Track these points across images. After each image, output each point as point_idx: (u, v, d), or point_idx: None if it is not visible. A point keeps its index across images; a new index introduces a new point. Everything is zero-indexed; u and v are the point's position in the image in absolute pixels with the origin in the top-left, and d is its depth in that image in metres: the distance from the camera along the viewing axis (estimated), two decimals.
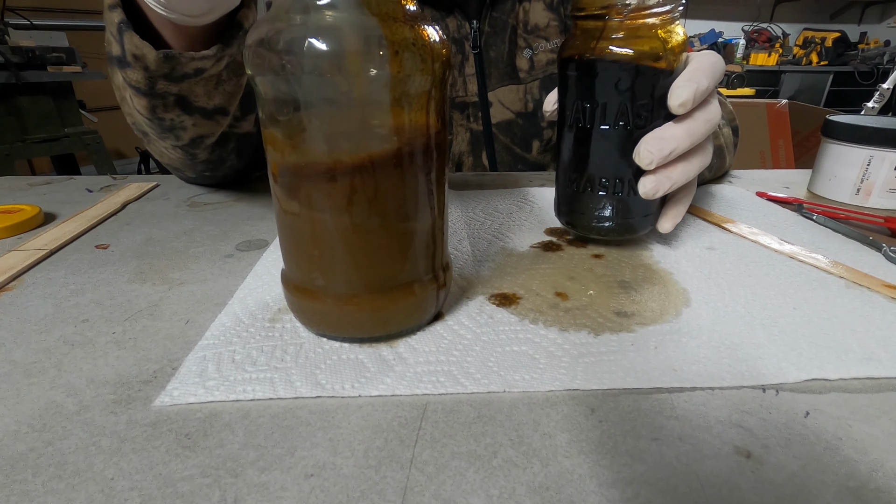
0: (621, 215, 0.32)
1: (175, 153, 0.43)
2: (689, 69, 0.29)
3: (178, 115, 0.38)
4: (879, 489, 0.16)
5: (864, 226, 0.39)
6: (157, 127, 0.38)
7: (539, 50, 0.57)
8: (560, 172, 0.34)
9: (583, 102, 0.30)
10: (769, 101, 1.38)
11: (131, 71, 0.33)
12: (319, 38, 0.18)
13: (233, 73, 0.37)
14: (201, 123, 0.39)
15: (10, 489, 0.16)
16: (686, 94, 0.27)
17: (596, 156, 0.31)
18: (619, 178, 0.31)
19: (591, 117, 0.30)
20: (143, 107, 0.36)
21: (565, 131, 0.32)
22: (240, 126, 0.45)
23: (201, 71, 0.35)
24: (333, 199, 0.20)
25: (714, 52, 0.31)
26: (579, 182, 0.32)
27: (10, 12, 2.00)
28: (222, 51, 0.34)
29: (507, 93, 0.58)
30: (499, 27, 0.56)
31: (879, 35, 3.90)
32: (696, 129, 0.29)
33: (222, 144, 0.44)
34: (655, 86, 0.29)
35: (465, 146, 0.60)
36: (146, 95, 0.35)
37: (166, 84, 0.34)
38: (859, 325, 0.25)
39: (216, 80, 0.36)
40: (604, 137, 0.30)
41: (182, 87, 0.35)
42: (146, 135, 0.42)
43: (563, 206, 0.35)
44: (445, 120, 0.23)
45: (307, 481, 0.16)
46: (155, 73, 0.33)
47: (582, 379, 0.21)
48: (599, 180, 0.32)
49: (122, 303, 0.27)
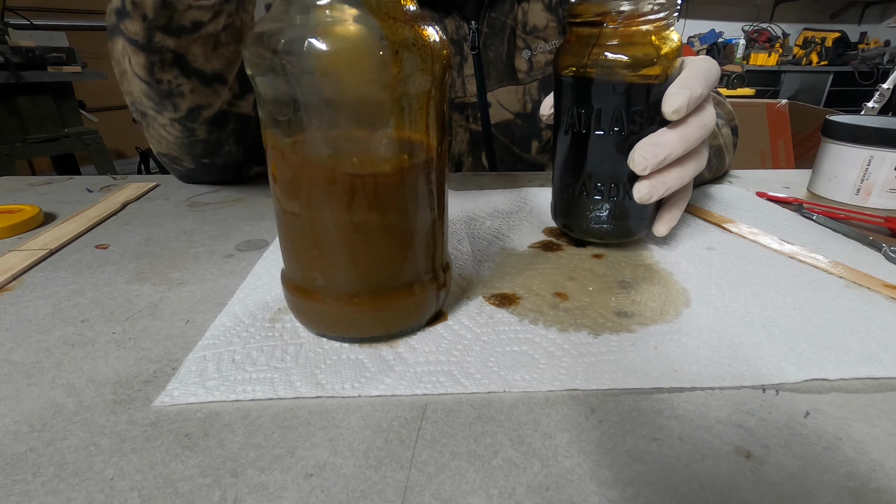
0: (617, 218, 0.33)
1: (174, 131, 0.43)
2: (683, 75, 0.29)
3: (175, 76, 0.38)
4: (879, 489, 0.16)
5: (864, 226, 0.39)
6: (154, 94, 0.39)
7: (538, 51, 0.57)
8: (556, 176, 0.34)
9: (578, 108, 0.31)
10: (769, 101, 1.38)
11: (130, 22, 0.34)
12: (319, 38, 0.18)
13: (231, 38, 0.38)
14: (199, 90, 0.40)
15: (10, 489, 0.16)
16: (680, 100, 0.28)
17: (591, 160, 0.32)
18: (615, 182, 0.31)
19: (587, 122, 0.30)
20: (141, 66, 0.36)
21: (561, 135, 0.33)
22: (238, 105, 0.45)
23: (199, 24, 0.35)
24: (333, 199, 0.20)
25: (709, 57, 0.31)
26: (575, 186, 0.33)
27: (10, 12, 2.00)
28: (221, 4, 0.35)
29: (505, 93, 0.58)
30: (497, 28, 0.56)
31: (879, 35, 3.90)
32: (690, 135, 0.29)
33: (221, 125, 0.45)
34: (650, 92, 0.29)
35: (464, 147, 0.60)
36: (144, 50, 0.35)
37: (164, 37, 0.35)
38: (859, 325, 0.25)
39: (214, 40, 0.37)
40: (599, 142, 0.31)
41: (180, 42, 0.36)
42: (145, 115, 0.42)
43: (559, 209, 0.35)
44: (446, 120, 0.23)
45: (307, 481, 0.16)
46: (153, 22, 0.34)
47: (582, 379, 0.21)
48: (595, 184, 0.32)
49: (122, 303, 0.27)
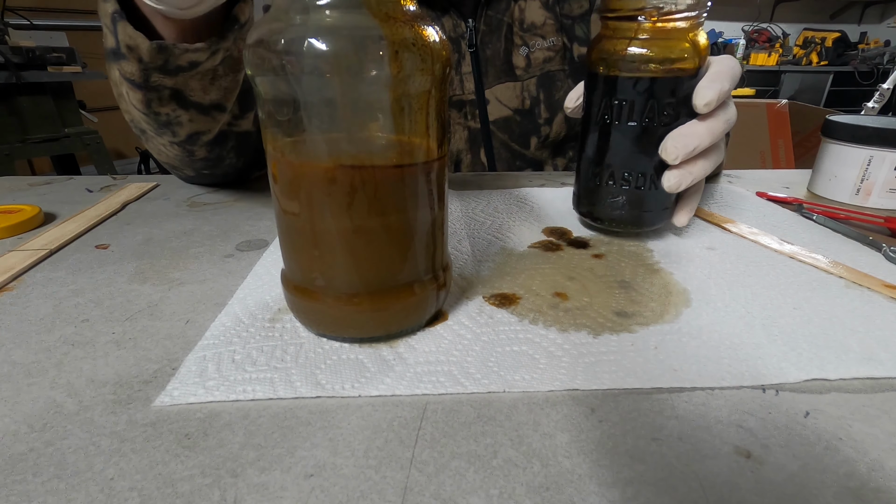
0: (641, 208, 0.34)
1: (173, 150, 0.43)
2: (712, 71, 0.31)
3: (173, 109, 0.37)
4: (879, 489, 0.16)
5: (864, 226, 0.38)
6: (153, 122, 0.38)
7: (535, 48, 0.57)
8: (583, 165, 0.36)
9: (611, 100, 0.32)
10: (769, 101, 1.38)
11: (126, 63, 0.33)
12: (319, 38, 0.18)
13: (229, 69, 0.37)
14: (198, 119, 0.39)
15: (10, 489, 0.16)
16: (711, 94, 0.29)
17: (621, 151, 0.33)
18: (642, 172, 0.33)
19: (619, 114, 0.32)
20: (139, 101, 0.36)
21: (591, 126, 0.34)
22: (238, 124, 0.45)
23: (196, 64, 0.35)
24: (333, 199, 0.20)
25: (731, 56, 0.33)
26: (602, 175, 0.34)
27: (10, 12, 2.00)
28: (216, 44, 0.34)
29: (504, 90, 0.58)
30: (494, 25, 0.56)
31: (879, 35, 3.90)
32: (716, 128, 0.31)
33: (221, 143, 0.44)
34: (681, 87, 0.30)
35: (462, 144, 0.60)
36: (141, 89, 0.35)
37: (161, 77, 0.34)
38: (859, 325, 0.25)
39: (212, 74, 0.36)
40: (630, 133, 0.32)
41: (177, 80, 0.35)
42: (144, 132, 0.42)
43: (583, 197, 0.37)
44: (446, 120, 0.23)
45: (307, 481, 0.16)
46: (149, 64, 0.33)
47: (582, 379, 0.21)
48: (623, 174, 0.34)
49: (122, 303, 0.27)
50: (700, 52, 0.30)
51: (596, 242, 0.36)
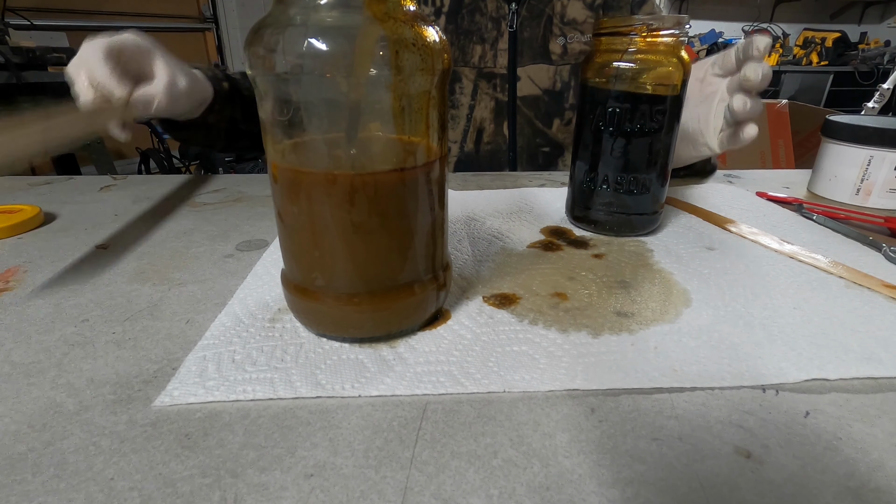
0: (633, 211, 0.36)
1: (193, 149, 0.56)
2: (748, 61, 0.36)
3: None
4: (879, 489, 0.16)
5: (864, 226, 0.38)
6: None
7: (574, 40, 0.59)
8: (577, 171, 0.38)
9: (605, 109, 0.34)
10: (769, 101, 1.38)
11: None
12: (319, 38, 0.18)
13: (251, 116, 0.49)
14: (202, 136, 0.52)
15: (10, 489, 0.16)
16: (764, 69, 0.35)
17: (614, 156, 0.35)
18: (635, 176, 0.35)
19: (611, 122, 0.34)
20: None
21: (585, 133, 0.36)
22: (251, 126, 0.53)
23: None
24: (333, 199, 0.20)
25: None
26: (596, 180, 0.36)
27: (11, 12, 2.00)
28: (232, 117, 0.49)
29: (537, 70, 0.60)
30: (535, 13, 0.58)
31: (879, 35, 3.90)
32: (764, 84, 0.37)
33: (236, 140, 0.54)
34: (669, 96, 0.33)
35: (487, 113, 0.61)
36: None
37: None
38: (859, 325, 0.25)
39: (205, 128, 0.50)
40: (622, 140, 0.34)
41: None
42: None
43: (578, 202, 0.38)
44: (446, 121, 0.23)
45: (307, 481, 0.16)
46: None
47: (582, 379, 0.21)
48: (616, 178, 0.35)
49: (122, 303, 0.27)
50: (684, 66, 0.32)
51: (596, 242, 0.36)
